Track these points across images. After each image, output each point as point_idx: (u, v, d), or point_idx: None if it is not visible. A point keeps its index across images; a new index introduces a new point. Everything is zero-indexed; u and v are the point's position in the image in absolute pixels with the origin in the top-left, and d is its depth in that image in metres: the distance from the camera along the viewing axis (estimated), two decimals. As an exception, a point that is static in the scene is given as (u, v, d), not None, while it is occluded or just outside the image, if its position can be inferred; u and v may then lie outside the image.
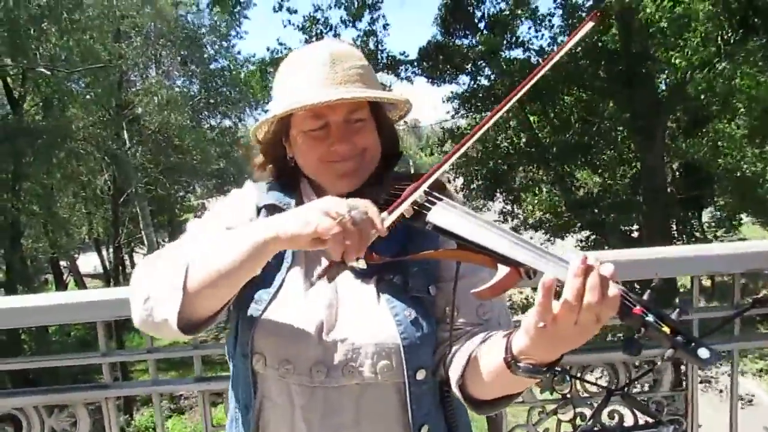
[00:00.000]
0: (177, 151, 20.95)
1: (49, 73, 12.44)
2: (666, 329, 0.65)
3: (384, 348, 0.94)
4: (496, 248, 0.77)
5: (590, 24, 0.89)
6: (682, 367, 3.32)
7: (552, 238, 11.97)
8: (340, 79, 0.96)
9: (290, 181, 1.08)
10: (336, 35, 10.46)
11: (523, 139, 10.86)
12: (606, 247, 10.24)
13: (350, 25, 10.22)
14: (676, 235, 12.41)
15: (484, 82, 10.66)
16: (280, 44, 10.55)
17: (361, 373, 0.94)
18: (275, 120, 1.01)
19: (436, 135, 13.22)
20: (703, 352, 0.63)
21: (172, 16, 19.75)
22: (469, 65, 10.59)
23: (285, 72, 1.02)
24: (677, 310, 0.68)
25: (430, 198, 0.88)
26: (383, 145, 1.04)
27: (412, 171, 1.32)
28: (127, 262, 26.52)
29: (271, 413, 1.00)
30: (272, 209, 1.04)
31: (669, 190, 11.53)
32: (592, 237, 11.83)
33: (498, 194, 11.72)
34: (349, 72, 0.97)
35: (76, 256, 22.54)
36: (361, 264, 0.89)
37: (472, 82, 10.79)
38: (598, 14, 0.95)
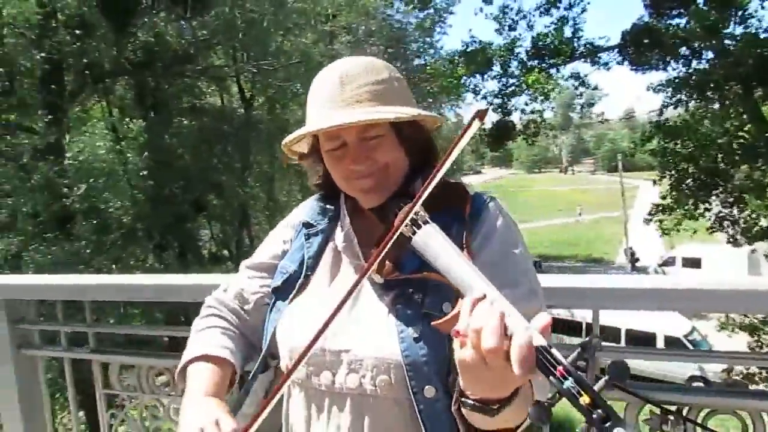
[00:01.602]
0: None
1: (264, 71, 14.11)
2: (585, 399, 0.56)
3: (384, 363, 0.93)
4: (463, 280, 0.75)
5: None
6: None
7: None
8: (348, 99, 0.96)
9: (332, 194, 1.12)
10: (529, 25, 10.12)
11: (745, 132, 9.19)
12: None
13: (545, 13, 9.79)
14: None
15: (702, 65, 9.28)
16: (472, 38, 10.52)
17: (362, 384, 0.95)
18: (298, 141, 1.06)
19: (648, 127, 11.89)
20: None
21: (379, 14, 20.97)
22: (684, 48, 9.30)
23: (309, 94, 1.05)
24: (577, 352, 0.59)
25: (418, 221, 0.86)
26: (411, 157, 1.02)
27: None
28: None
29: (291, 413, 1.06)
30: (307, 226, 1.13)
31: None
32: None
33: (714, 196, 10.10)
34: (358, 91, 0.96)
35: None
36: (378, 279, 0.95)
37: (686, 68, 9.48)
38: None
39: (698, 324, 14.03)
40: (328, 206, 1.13)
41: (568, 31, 9.79)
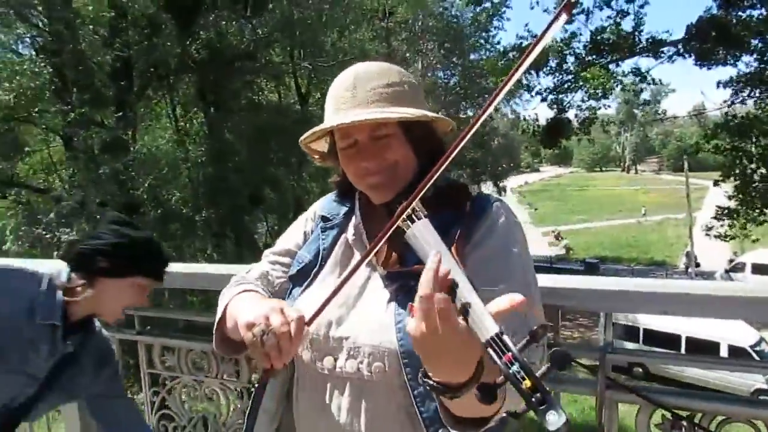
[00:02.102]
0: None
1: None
2: (527, 383, 0.59)
3: (379, 350, 0.98)
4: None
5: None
6: None
7: None
8: (360, 100, 1.01)
9: (348, 191, 1.18)
10: (587, 19, 9.82)
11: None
12: None
13: (604, 6, 9.47)
14: None
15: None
16: (528, 32, 10.33)
17: (359, 370, 1.00)
18: (316, 140, 1.14)
19: (714, 124, 11.29)
20: (551, 417, 0.57)
21: (436, 9, 20.84)
22: (757, 41, 8.77)
23: (327, 95, 1.11)
24: (526, 340, 0.62)
25: (414, 216, 0.88)
26: (420, 157, 1.06)
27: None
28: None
29: (299, 397, 1.12)
30: (324, 219, 1.20)
31: None
32: None
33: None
34: (369, 93, 1.01)
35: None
36: (381, 271, 1.00)
37: (758, 62, 8.92)
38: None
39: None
40: (344, 202, 1.20)
41: (628, 25, 9.45)
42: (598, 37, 9.46)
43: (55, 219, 10.19)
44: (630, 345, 9.84)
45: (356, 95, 1.02)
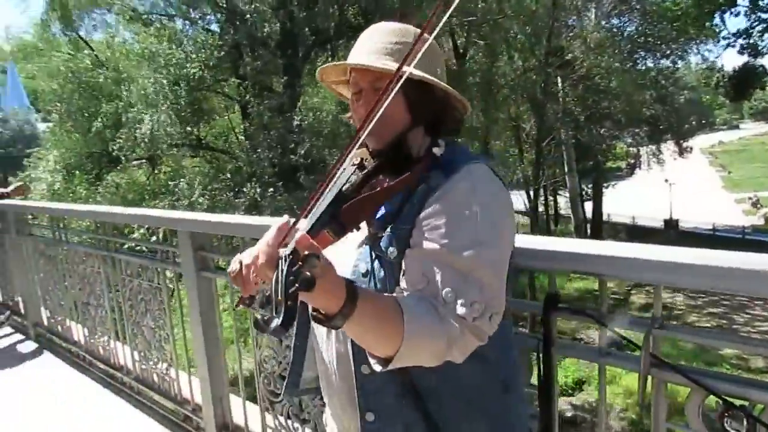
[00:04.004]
0: (605, 96, 20.44)
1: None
2: (279, 299, 0.68)
3: None
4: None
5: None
6: None
7: None
8: (368, 50, 1.05)
9: None
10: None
11: None
12: None
13: None
14: None
15: None
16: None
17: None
18: (338, 83, 1.21)
19: None
20: (273, 323, 0.67)
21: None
22: None
23: None
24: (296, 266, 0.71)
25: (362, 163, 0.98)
26: (414, 116, 1.05)
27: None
28: (552, 204, 28.20)
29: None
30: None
31: None
32: None
33: None
34: (377, 44, 1.05)
35: (512, 194, 25.03)
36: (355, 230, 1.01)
37: None
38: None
39: None
40: None
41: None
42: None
43: (232, 179, 11.49)
44: None
45: (365, 45, 1.06)
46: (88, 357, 3.59)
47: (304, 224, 0.85)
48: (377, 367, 0.88)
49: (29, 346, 4.24)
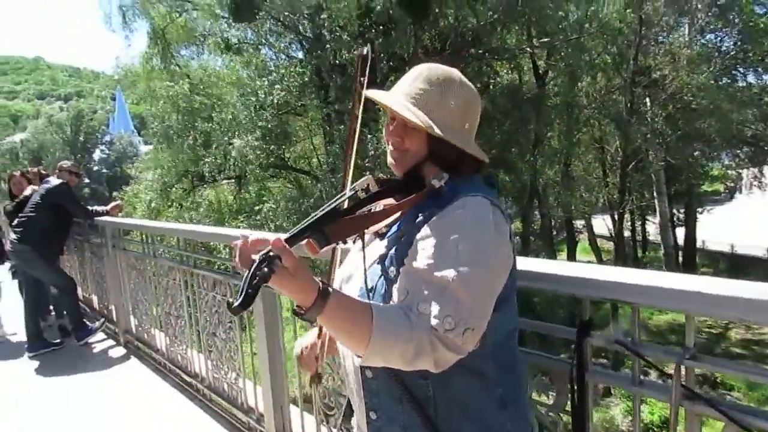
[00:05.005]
0: (698, 115, 19.29)
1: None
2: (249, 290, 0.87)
3: None
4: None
5: None
6: None
7: None
8: (406, 90, 1.15)
9: None
10: None
11: None
12: None
13: None
14: None
15: None
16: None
17: None
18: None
19: None
20: (235, 302, 0.87)
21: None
22: None
23: None
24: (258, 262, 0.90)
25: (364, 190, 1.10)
26: (432, 155, 1.14)
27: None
28: (639, 229, 26.65)
29: None
30: None
31: None
32: None
33: None
34: (413, 88, 1.14)
35: (594, 217, 24.01)
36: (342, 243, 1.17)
37: None
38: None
39: None
40: None
41: None
42: None
43: (314, 200, 11.89)
44: None
45: (409, 85, 1.15)
46: (169, 364, 3.87)
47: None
48: (357, 361, 0.98)
49: (119, 351, 4.62)
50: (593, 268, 1.34)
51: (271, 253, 0.89)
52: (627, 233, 24.21)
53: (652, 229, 25.95)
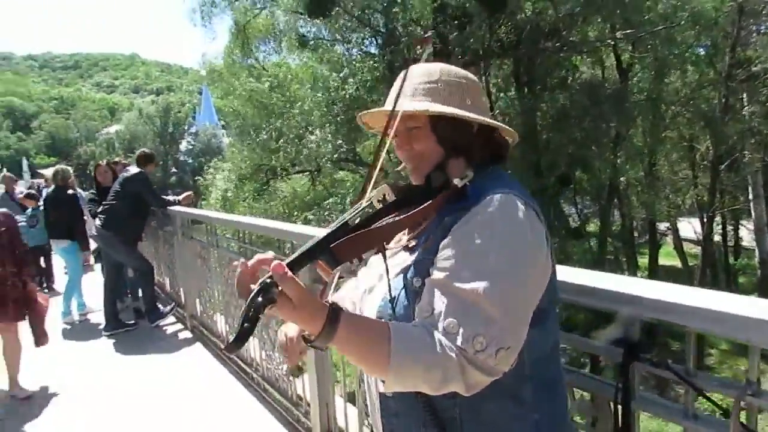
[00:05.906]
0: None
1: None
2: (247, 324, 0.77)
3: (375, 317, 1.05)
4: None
5: None
6: None
7: None
8: (405, 91, 1.06)
9: None
10: None
11: None
12: None
13: None
14: None
15: None
16: None
17: None
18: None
19: None
20: (230, 338, 0.78)
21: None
22: None
23: None
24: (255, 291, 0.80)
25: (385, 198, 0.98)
26: (445, 149, 1.07)
27: None
28: (730, 234, 24.86)
29: None
30: None
31: None
32: None
33: None
34: (413, 86, 1.07)
35: (680, 220, 22.63)
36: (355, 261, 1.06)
37: None
38: None
39: None
40: None
41: None
42: None
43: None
44: None
45: (405, 86, 1.07)
46: (228, 351, 3.99)
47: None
48: (380, 386, 0.90)
49: (185, 335, 4.82)
50: (645, 283, 1.21)
51: (269, 280, 0.80)
52: (717, 237, 22.63)
53: (746, 234, 24.15)
